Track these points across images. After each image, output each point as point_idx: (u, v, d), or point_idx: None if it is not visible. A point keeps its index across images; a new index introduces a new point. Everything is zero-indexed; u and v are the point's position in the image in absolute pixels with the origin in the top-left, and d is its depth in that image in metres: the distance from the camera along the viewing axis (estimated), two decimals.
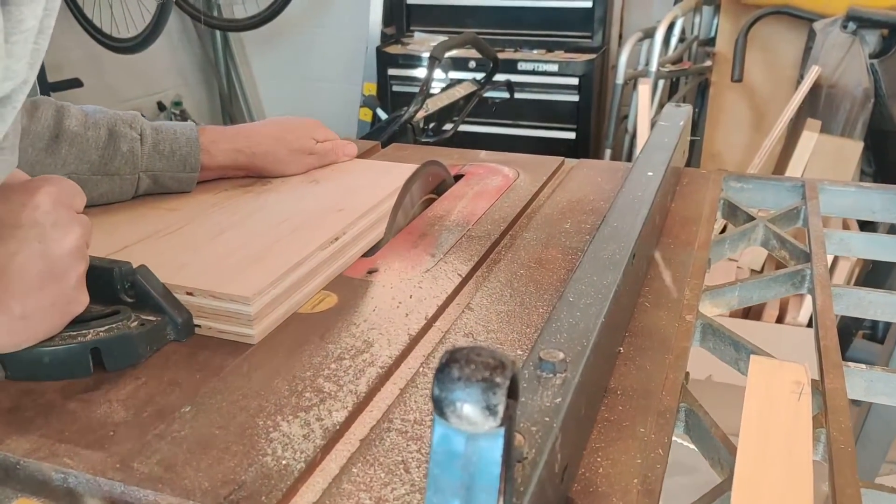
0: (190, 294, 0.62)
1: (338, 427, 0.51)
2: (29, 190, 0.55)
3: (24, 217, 0.54)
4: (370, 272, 0.73)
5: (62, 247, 0.55)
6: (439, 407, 0.31)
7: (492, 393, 0.30)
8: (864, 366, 0.60)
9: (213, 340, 0.61)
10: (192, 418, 0.51)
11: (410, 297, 0.68)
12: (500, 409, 0.31)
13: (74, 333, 0.57)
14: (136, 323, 0.59)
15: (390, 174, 0.87)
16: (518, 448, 0.37)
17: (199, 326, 0.62)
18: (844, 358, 1.94)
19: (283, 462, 0.47)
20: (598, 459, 0.48)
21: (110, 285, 0.59)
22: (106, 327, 0.57)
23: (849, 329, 1.97)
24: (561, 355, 0.45)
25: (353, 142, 0.98)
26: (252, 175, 0.89)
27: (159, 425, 0.51)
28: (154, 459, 0.47)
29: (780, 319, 1.99)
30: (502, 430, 0.31)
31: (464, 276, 0.72)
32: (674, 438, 0.56)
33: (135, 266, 0.60)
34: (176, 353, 0.59)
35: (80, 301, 0.57)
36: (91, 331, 0.57)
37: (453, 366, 0.31)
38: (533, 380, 0.44)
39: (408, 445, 0.49)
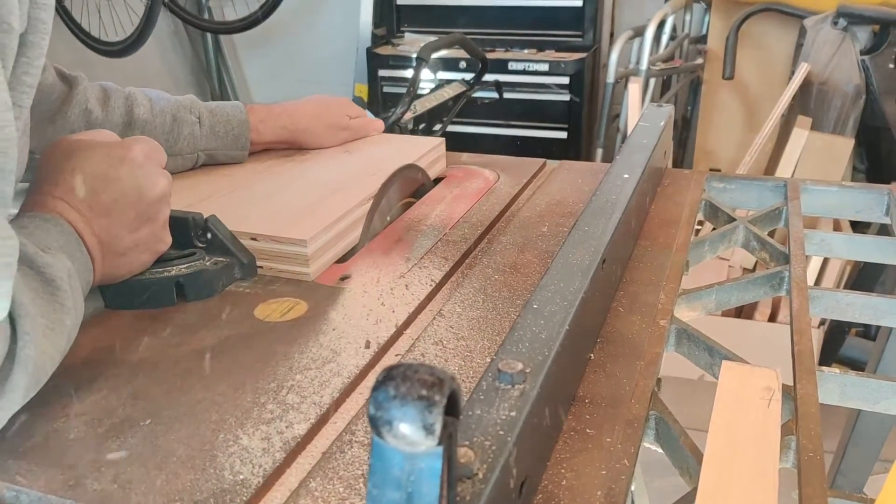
0: (254, 239, 0.72)
1: (299, 440, 0.50)
2: (125, 147, 0.65)
3: (123, 170, 0.63)
4: (342, 279, 0.72)
5: (153, 193, 0.65)
6: (375, 426, 0.30)
7: (428, 411, 0.30)
8: (837, 370, 0.59)
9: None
10: (150, 432, 0.50)
11: (382, 304, 0.67)
12: (438, 427, 0.30)
13: (160, 269, 0.67)
14: (210, 262, 0.69)
15: (415, 145, 0.98)
16: (468, 464, 0.37)
17: (261, 267, 0.72)
18: (838, 356, 1.92)
19: (241, 477, 0.46)
20: (562, 471, 0.47)
21: (185, 232, 0.70)
22: (186, 265, 0.68)
23: (842, 327, 1.96)
24: (520, 366, 0.44)
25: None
26: (293, 147, 0.98)
27: (117, 440, 0.50)
28: (109, 476, 0.46)
29: (773, 317, 1.99)
30: (441, 449, 0.30)
31: (437, 281, 0.71)
32: (647, 445, 0.55)
33: (205, 216, 0.70)
34: (148, 365, 0.58)
35: (166, 241, 0.68)
36: (174, 268, 0.68)
37: (389, 384, 0.30)
38: (490, 391, 0.43)
39: (369, 458, 0.48)
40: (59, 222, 0.59)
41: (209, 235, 0.70)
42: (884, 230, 1.54)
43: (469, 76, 1.82)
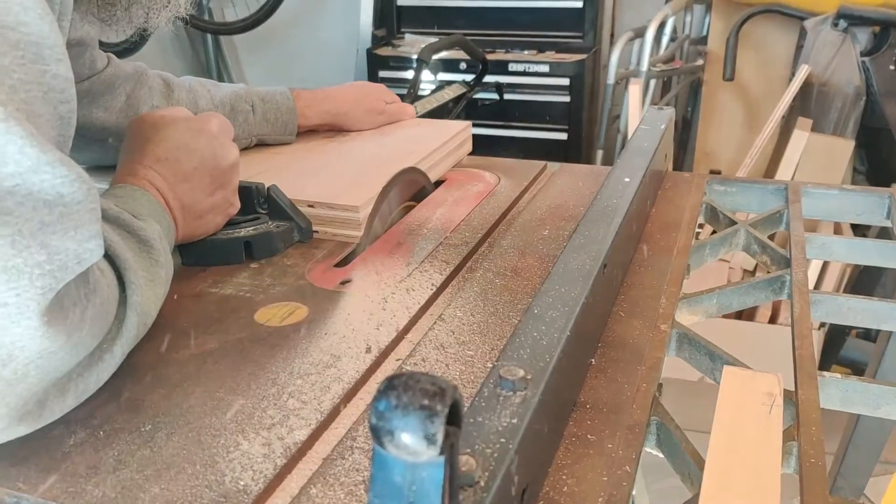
0: (311, 206, 0.81)
1: (299, 445, 0.50)
2: (201, 120, 0.74)
3: (201, 141, 0.72)
4: (343, 283, 0.72)
5: (227, 162, 0.73)
6: (377, 436, 0.30)
7: (430, 421, 0.29)
8: (839, 375, 0.59)
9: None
10: (150, 438, 0.50)
11: (383, 308, 0.67)
12: (440, 437, 0.30)
13: (230, 231, 0.76)
14: (273, 225, 0.77)
15: (445, 127, 1.05)
16: (469, 472, 0.36)
17: (317, 232, 0.81)
18: (838, 358, 1.91)
19: (242, 483, 0.46)
20: (564, 477, 0.47)
21: (249, 200, 0.78)
22: (253, 227, 0.77)
23: (842, 329, 1.96)
24: (521, 372, 0.44)
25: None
26: (334, 129, 1.07)
27: (117, 445, 0.50)
28: (109, 482, 0.46)
29: (773, 319, 1.98)
30: (443, 459, 0.30)
31: (438, 286, 0.71)
32: (648, 450, 0.55)
33: (266, 186, 0.78)
34: (148, 369, 0.58)
35: (235, 205, 0.76)
36: (242, 229, 0.76)
37: (391, 393, 0.30)
38: (492, 398, 0.43)
39: (370, 466, 0.48)
40: (146, 193, 0.67)
41: (270, 203, 0.78)
42: (884, 233, 1.54)
43: (469, 77, 1.82)
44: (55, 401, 0.49)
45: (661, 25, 2.29)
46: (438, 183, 0.99)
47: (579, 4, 2.49)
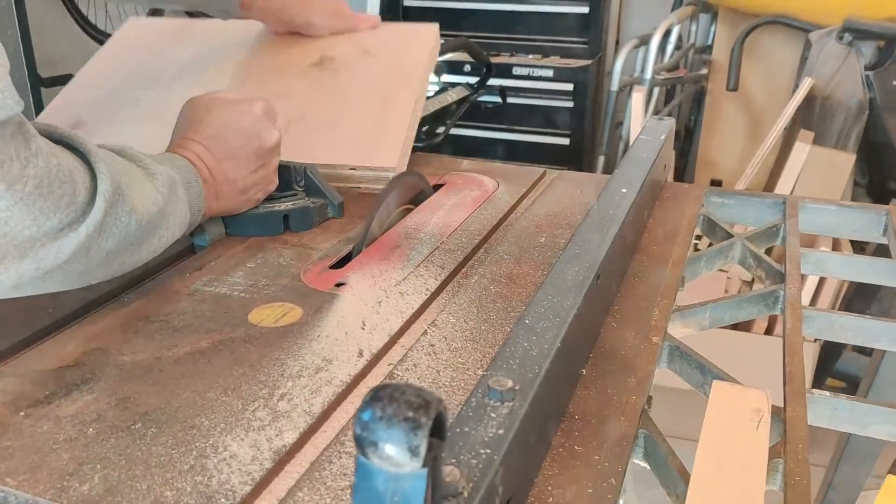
0: (353, 169, 0.93)
1: (287, 448, 0.50)
2: (247, 103, 0.80)
3: (247, 122, 0.78)
4: (338, 285, 0.72)
5: (269, 142, 0.80)
6: (361, 447, 0.30)
7: (414, 434, 0.30)
8: (828, 393, 0.59)
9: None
10: (139, 436, 0.50)
11: (377, 312, 0.67)
12: (423, 449, 0.30)
13: (271, 205, 0.83)
14: (309, 201, 0.85)
15: (416, 33, 1.12)
16: (453, 483, 0.37)
17: (358, 186, 0.93)
18: (833, 370, 1.91)
19: (228, 486, 0.47)
20: (549, 488, 0.48)
21: (287, 177, 0.85)
22: (291, 201, 0.84)
23: (838, 342, 1.96)
24: (510, 383, 0.44)
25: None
26: (285, 24, 1.12)
27: (105, 443, 0.50)
28: (95, 479, 0.46)
29: (769, 330, 1.99)
30: (426, 471, 0.30)
31: (432, 291, 0.71)
32: (636, 461, 0.55)
33: (304, 166, 0.86)
34: (140, 367, 0.59)
35: (275, 182, 0.84)
36: (282, 203, 0.84)
37: (375, 404, 0.30)
38: (479, 409, 0.43)
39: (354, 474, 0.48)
40: (183, 160, 0.73)
41: (307, 181, 0.85)
42: (881, 249, 1.54)
43: (473, 80, 1.82)
44: (12, 261, 0.53)
45: (667, 33, 2.29)
46: (437, 187, 0.99)
47: (585, 10, 2.50)
